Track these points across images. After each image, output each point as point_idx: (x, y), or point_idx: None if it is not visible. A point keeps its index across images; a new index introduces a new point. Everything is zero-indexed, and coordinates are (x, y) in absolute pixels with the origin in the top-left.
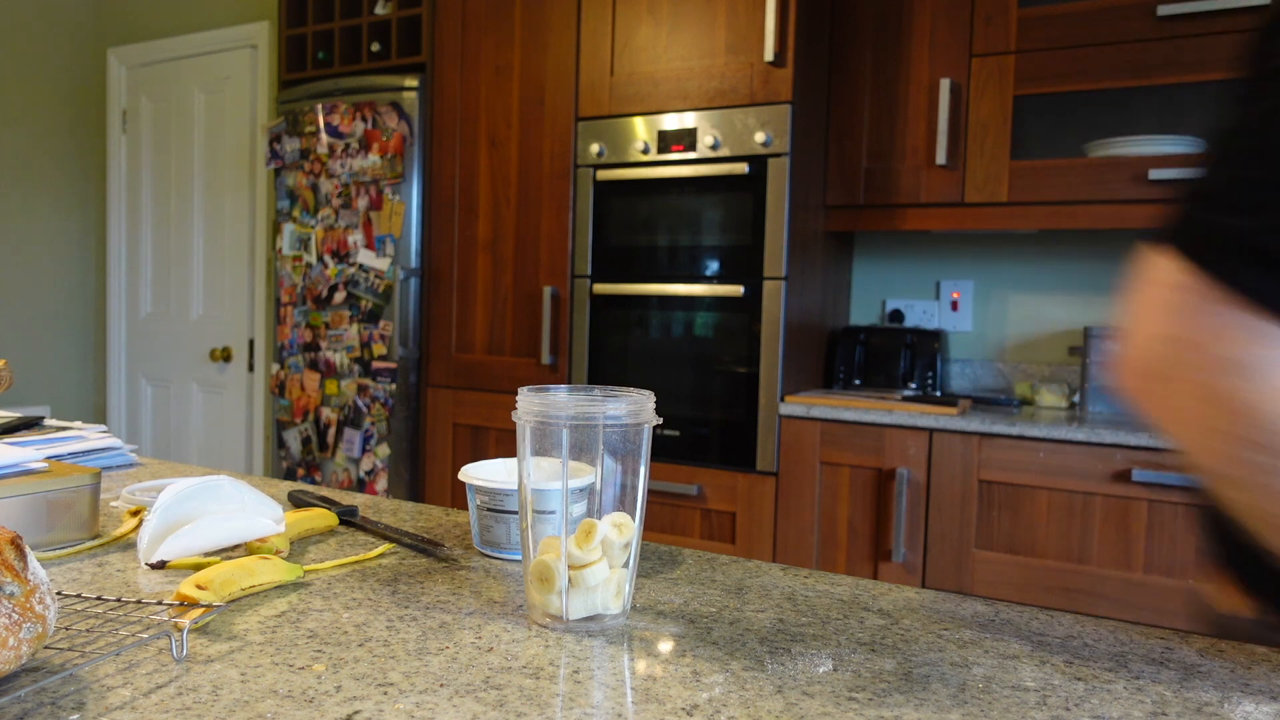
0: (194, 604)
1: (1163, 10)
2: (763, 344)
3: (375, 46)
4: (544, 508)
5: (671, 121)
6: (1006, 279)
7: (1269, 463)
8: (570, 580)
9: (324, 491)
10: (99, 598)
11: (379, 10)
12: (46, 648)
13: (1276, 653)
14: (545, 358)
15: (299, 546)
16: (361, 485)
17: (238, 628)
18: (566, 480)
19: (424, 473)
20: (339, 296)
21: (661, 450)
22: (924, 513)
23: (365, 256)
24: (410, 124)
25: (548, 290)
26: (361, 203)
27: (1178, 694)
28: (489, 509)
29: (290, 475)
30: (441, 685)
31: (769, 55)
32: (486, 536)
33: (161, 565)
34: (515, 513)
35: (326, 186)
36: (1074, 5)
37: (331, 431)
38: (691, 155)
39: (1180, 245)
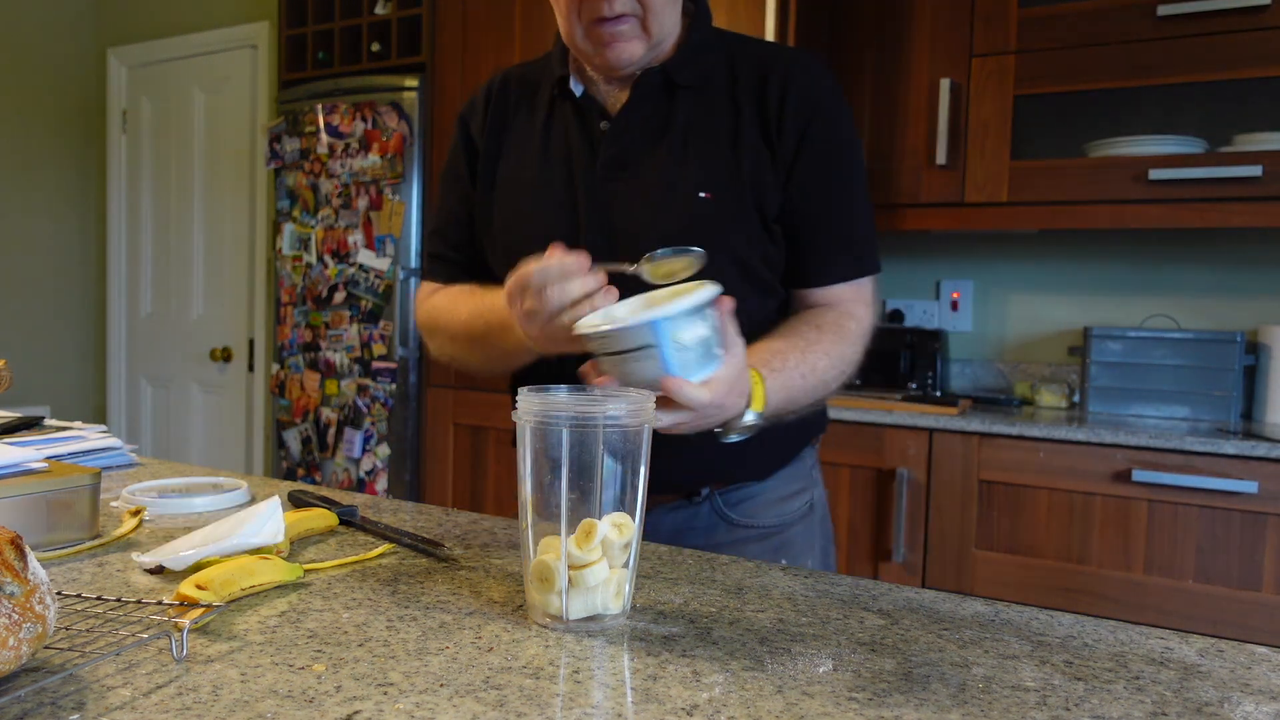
0: (194, 604)
1: (1163, 10)
2: None
3: (375, 46)
4: (629, 346)
5: None
6: (1006, 279)
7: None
8: (570, 580)
9: (324, 491)
10: (99, 598)
11: (379, 10)
12: (46, 648)
13: (1276, 652)
14: None
15: (299, 546)
16: (361, 485)
17: (238, 628)
18: (567, 480)
19: (424, 473)
20: (339, 296)
21: None
22: (924, 513)
23: (365, 256)
24: (410, 124)
25: None
26: (361, 203)
27: (1178, 694)
28: (617, 352)
29: (290, 475)
30: (441, 685)
31: None
32: (628, 381)
33: (159, 570)
34: (647, 347)
35: (326, 186)
36: (1074, 5)
37: (331, 431)
38: None
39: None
